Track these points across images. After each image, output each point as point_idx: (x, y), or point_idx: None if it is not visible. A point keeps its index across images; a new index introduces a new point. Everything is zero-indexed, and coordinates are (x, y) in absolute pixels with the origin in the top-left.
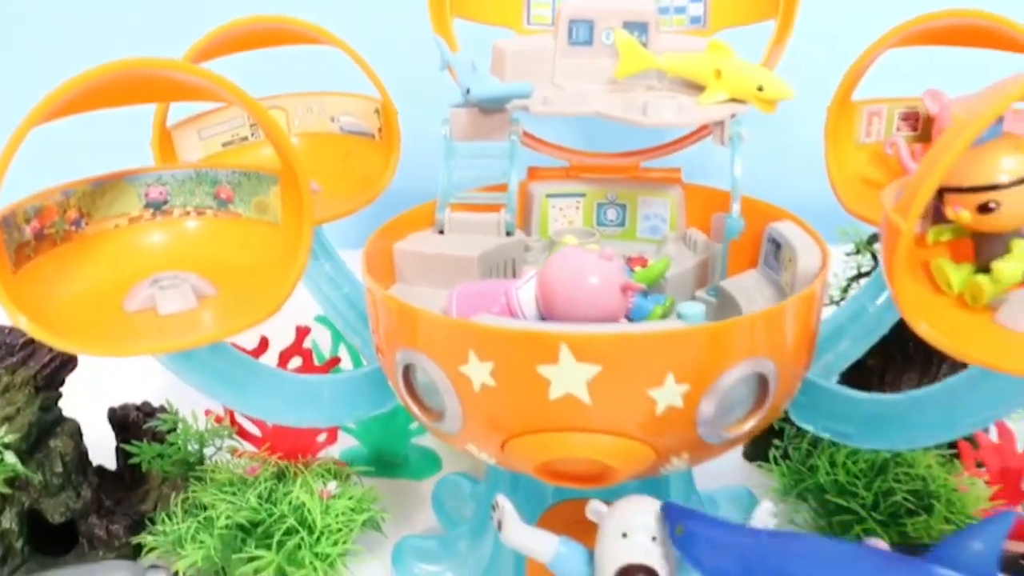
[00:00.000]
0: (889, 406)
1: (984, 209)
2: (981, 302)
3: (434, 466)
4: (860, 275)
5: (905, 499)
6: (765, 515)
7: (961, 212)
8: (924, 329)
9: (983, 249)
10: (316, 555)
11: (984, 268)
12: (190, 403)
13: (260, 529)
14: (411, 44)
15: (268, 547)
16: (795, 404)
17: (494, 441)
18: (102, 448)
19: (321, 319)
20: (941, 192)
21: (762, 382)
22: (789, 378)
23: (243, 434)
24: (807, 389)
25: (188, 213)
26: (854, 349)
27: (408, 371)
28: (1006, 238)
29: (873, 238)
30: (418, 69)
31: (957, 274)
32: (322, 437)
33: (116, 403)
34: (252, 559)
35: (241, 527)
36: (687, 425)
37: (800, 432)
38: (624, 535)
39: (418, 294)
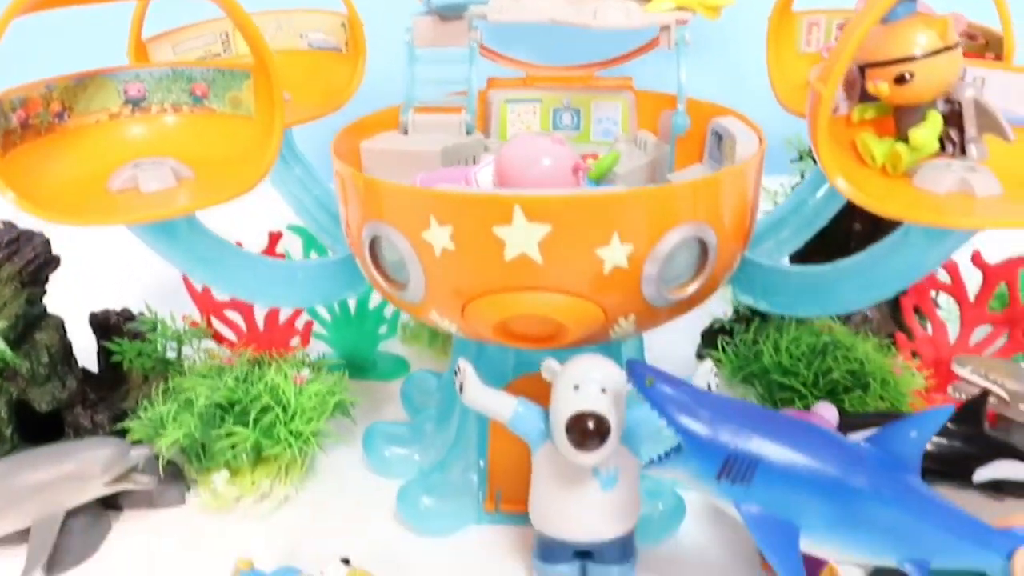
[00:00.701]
0: (817, 276)
1: (900, 80)
2: (900, 169)
3: (402, 369)
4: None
5: (843, 378)
6: (705, 374)
7: (880, 85)
8: (842, 185)
9: (902, 122)
10: (291, 432)
11: (904, 140)
12: (168, 309)
13: (237, 408)
14: None
15: (245, 424)
16: (736, 281)
17: (455, 305)
18: (84, 352)
19: (293, 228)
20: (863, 70)
21: (703, 248)
22: (727, 247)
23: (219, 339)
24: (746, 267)
25: (165, 109)
26: (795, 238)
27: (375, 244)
28: (922, 109)
29: None
30: None
31: (880, 147)
32: (295, 341)
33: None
34: (230, 435)
35: (219, 406)
36: (632, 285)
37: (747, 328)
38: (576, 387)
39: None
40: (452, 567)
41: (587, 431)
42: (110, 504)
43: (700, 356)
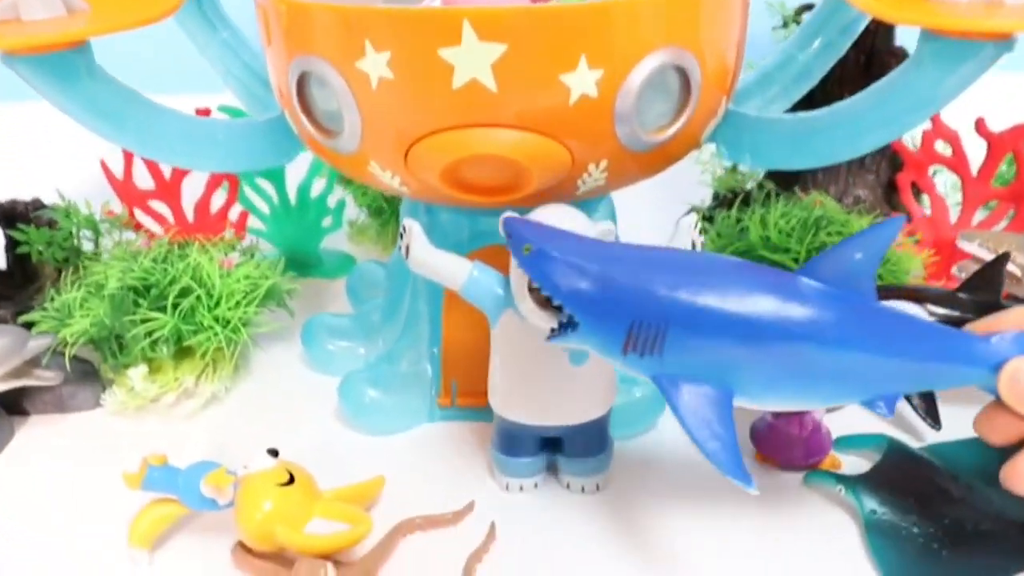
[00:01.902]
0: (814, 121)
1: None
2: None
3: (348, 265)
4: None
5: None
6: (687, 230)
7: None
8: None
9: None
10: (216, 319)
11: None
12: (90, 202)
13: (154, 292)
14: None
15: (163, 310)
16: (723, 139)
17: (396, 151)
18: None
19: (224, 108)
20: None
21: (684, 81)
22: (711, 85)
23: (143, 231)
24: (732, 121)
25: None
26: (782, 98)
27: (303, 85)
28: None
29: (802, 9)
30: None
31: None
32: (229, 233)
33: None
34: (145, 321)
35: (133, 290)
36: (604, 121)
37: (728, 214)
38: None
39: None
40: (401, 470)
41: None
42: (14, 409)
43: None
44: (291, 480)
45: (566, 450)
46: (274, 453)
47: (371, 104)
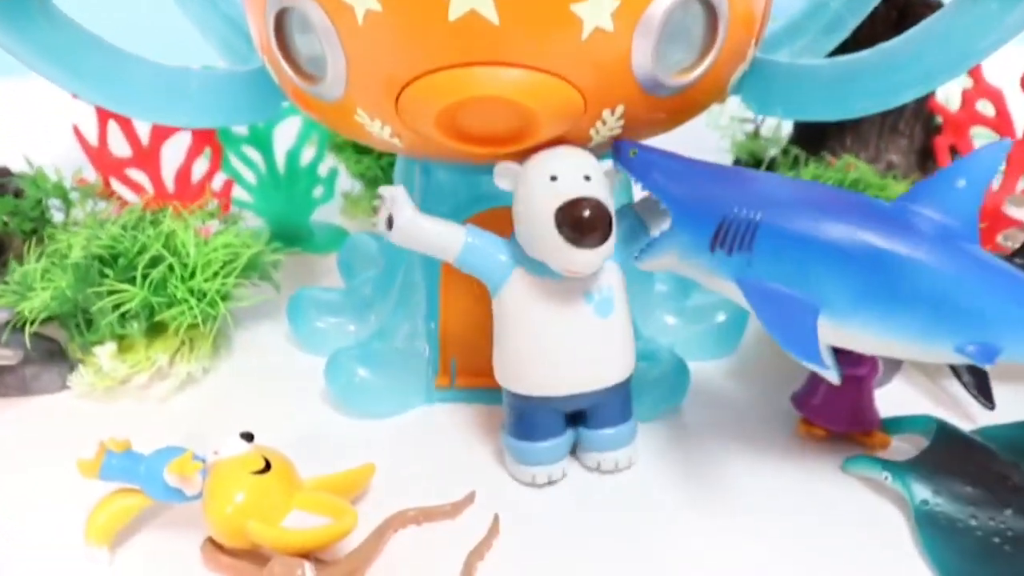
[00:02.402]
0: (851, 65)
1: None
2: None
3: (341, 239)
4: None
5: None
6: None
7: None
8: None
9: None
10: (191, 291)
11: None
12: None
13: (122, 262)
14: None
15: (133, 281)
16: (750, 89)
17: (386, 97)
18: None
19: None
20: None
21: (710, 17)
22: (738, 25)
23: (119, 201)
24: (761, 69)
25: None
26: (813, 48)
27: (282, 24)
28: None
29: None
30: None
31: None
32: (212, 204)
33: None
34: (113, 293)
35: (100, 259)
36: (620, 60)
37: None
38: (553, 178)
39: None
40: (394, 457)
41: (583, 220)
42: None
43: None
44: (267, 467)
45: (592, 420)
46: (248, 437)
47: (357, 42)
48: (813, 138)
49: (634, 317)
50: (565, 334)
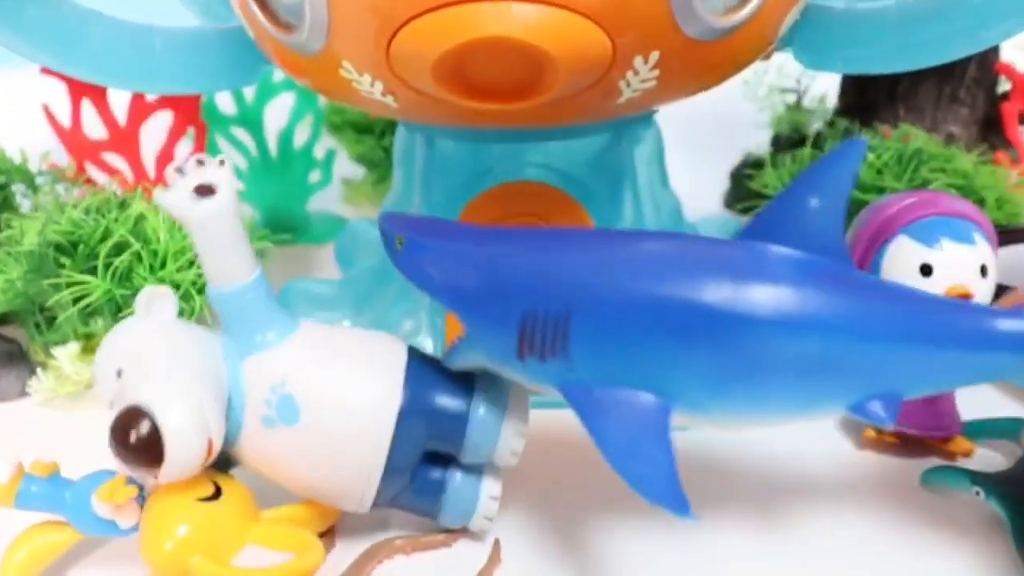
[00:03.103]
0: (925, 3)
1: None
2: None
3: (339, 228)
4: None
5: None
6: None
7: None
8: None
9: None
10: (161, 282)
11: None
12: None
13: (83, 250)
14: None
15: (93, 272)
16: (804, 40)
17: (377, 43)
18: None
19: None
20: None
21: None
22: None
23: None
24: (815, 17)
25: None
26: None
27: None
28: None
29: None
30: None
31: None
32: None
33: None
34: (72, 285)
35: (57, 247)
36: None
37: (793, 159)
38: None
39: None
40: None
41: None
42: None
43: (728, 204)
44: (216, 494)
45: None
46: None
47: None
48: (863, 109)
49: None
50: None
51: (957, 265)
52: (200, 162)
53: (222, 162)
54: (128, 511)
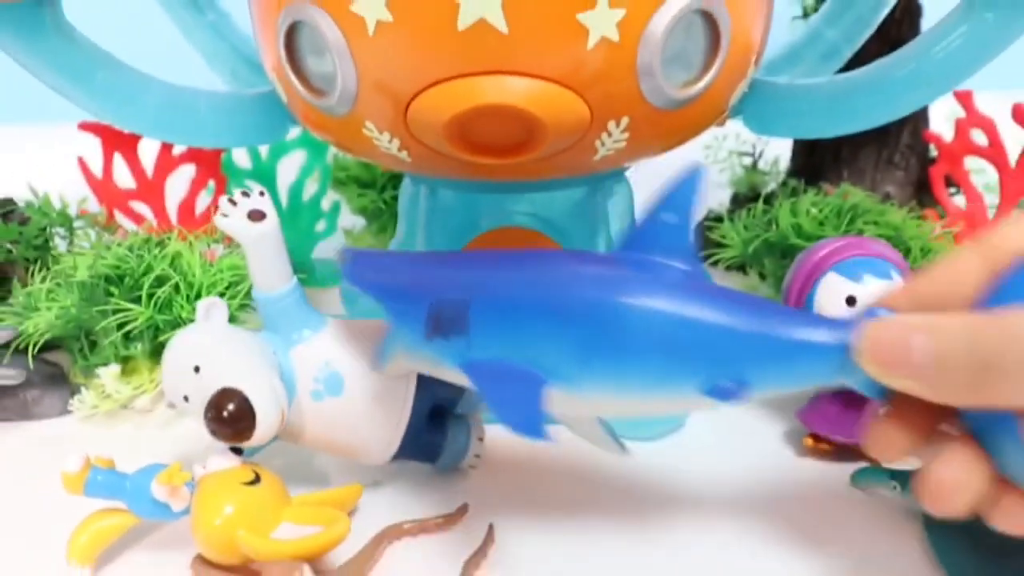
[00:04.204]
0: (849, 81)
1: None
2: None
3: (339, 273)
4: None
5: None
6: None
7: None
8: None
9: None
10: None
11: None
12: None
13: (128, 282)
14: None
15: (138, 301)
16: (752, 110)
17: (396, 108)
18: None
19: None
20: None
21: (713, 31)
22: (740, 39)
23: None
24: (761, 90)
25: None
26: (811, 74)
27: (293, 38)
28: None
29: None
30: None
31: None
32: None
33: None
34: (118, 312)
35: (106, 279)
36: (626, 70)
37: (750, 213)
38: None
39: None
40: (387, 471)
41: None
42: None
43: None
44: (257, 479)
45: None
46: (238, 451)
47: (368, 53)
48: (810, 170)
49: None
50: None
51: (877, 297)
52: (245, 194)
53: (262, 193)
54: (180, 496)
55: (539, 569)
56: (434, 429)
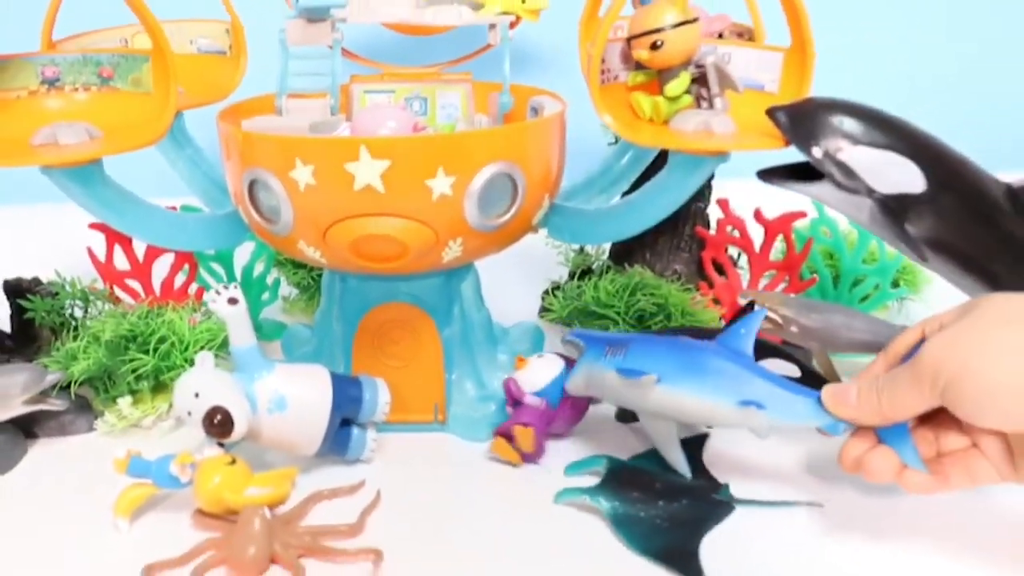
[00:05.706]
0: (606, 209)
1: (654, 47)
2: (661, 118)
3: (282, 331)
4: None
5: (650, 308)
6: None
7: (641, 52)
8: (608, 120)
9: (663, 82)
10: (185, 360)
11: (664, 96)
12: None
13: (139, 340)
14: None
15: (146, 353)
16: (550, 224)
17: (318, 232)
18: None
19: (185, 207)
20: (630, 43)
21: (513, 184)
22: (534, 187)
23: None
24: (556, 211)
25: (77, 88)
26: (603, 195)
27: (252, 188)
28: (676, 71)
29: None
30: None
31: (646, 102)
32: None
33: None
34: (132, 361)
35: (124, 338)
36: (457, 211)
37: (571, 283)
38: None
39: None
40: (318, 464)
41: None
42: (27, 432)
43: (540, 314)
44: (233, 462)
45: None
46: (222, 446)
47: (300, 201)
48: (622, 253)
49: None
50: None
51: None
52: (226, 287)
53: (236, 286)
54: (187, 473)
55: (414, 515)
56: (343, 434)
